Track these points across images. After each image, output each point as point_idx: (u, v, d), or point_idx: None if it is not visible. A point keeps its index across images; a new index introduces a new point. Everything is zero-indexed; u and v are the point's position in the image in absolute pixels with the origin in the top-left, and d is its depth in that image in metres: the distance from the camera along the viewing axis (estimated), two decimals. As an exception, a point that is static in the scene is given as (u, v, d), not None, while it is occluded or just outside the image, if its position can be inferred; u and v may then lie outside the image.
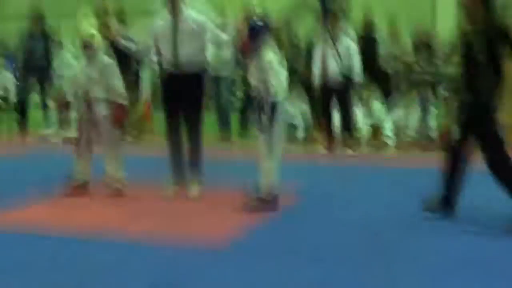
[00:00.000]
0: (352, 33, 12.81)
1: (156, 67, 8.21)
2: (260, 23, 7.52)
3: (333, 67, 11.58)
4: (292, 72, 15.80)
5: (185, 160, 8.24)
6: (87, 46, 8.08)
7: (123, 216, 7.12)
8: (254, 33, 7.37)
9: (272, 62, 7.20)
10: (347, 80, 11.54)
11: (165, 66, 8.12)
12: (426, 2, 21.48)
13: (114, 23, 13.36)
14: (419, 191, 8.30)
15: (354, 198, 8.04)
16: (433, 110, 13.00)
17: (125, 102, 8.23)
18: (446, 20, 19.36)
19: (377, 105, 13.55)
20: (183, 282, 5.03)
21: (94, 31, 8.19)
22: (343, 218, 7.06)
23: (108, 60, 8.26)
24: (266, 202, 7.27)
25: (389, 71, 14.13)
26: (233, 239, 6.20)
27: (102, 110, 8.17)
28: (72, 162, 8.27)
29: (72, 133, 13.12)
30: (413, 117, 12.76)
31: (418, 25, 14.30)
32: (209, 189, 8.15)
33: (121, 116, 8.15)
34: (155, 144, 13.18)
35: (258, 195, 7.29)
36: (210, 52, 7.96)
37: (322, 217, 7.08)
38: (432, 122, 12.78)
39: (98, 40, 8.20)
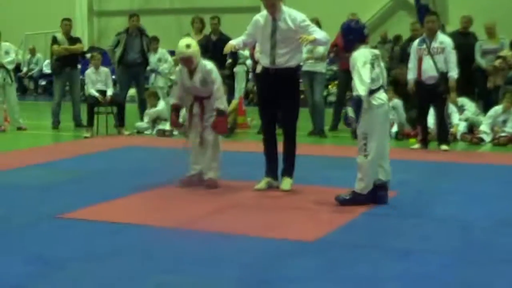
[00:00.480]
0: (448, 29, 12.67)
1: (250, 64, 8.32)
2: (354, 23, 7.67)
3: (429, 63, 11.43)
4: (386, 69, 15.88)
5: (278, 155, 8.32)
6: (183, 59, 8.29)
7: (217, 208, 7.24)
8: (348, 32, 7.49)
9: (357, 60, 7.21)
10: (443, 75, 11.38)
11: (261, 62, 8.23)
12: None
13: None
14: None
15: (448, 194, 7.98)
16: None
17: (223, 107, 8.38)
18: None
19: (472, 101, 13.40)
20: (272, 272, 5.12)
21: (189, 41, 8.37)
22: (436, 213, 7.03)
23: (208, 66, 8.37)
24: (361, 196, 7.28)
25: (485, 66, 13.91)
26: (323, 232, 6.25)
27: (210, 105, 8.37)
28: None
29: (166, 125, 13.50)
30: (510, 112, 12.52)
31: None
32: (300, 184, 8.21)
33: (219, 123, 8.26)
34: (248, 138, 13.35)
35: (354, 189, 7.31)
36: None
37: (414, 212, 7.06)
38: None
39: (194, 50, 8.33)
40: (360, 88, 7.05)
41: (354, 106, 7.10)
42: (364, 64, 7.16)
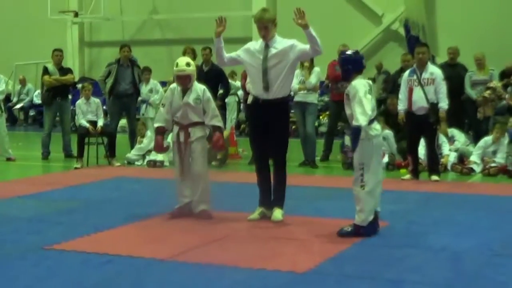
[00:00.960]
0: (438, 60, 12.72)
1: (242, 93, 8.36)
2: (353, 54, 7.71)
3: (419, 94, 11.46)
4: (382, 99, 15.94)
5: (270, 185, 8.31)
6: (181, 77, 8.29)
7: (208, 239, 7.20)
8: (347, 62, 7.53)
9: (358, 89, 7.24)
10: (433, 106, 11.40)
11: (252, 92, 8.25)
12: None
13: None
14: (504, 219, 8.23)
15: (439, 224, 7.97)
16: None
17: (221, 125, 8.43)
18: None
19: (462, 132, 13.44)
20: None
21: (189, 60, 8.40)
22: (427, 244, 7.01)
23: (202, 86, 8.46)
24: (362, 229, 7.26)
25: (475, 97, 13.96)
26: (315, 263, 6.22)
27: (196, 133, 8.38)
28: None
29: (157, 156, 13.47)
30: (502, 143, 12.54)
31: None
32: (292, 215, 8.19)
33: (220, 139, 8.29)
34: (239, 168, 13.33)
35: (354, 221, 7.30)
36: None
37: (406, 243, 7.04)
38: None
39: (193, 69, 8.43)
40: (361, 118, 7.09)
41: (353, 136, 7.13)
42: (365, 94, 7.21)
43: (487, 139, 12.72)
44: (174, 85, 8.56)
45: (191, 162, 8.37)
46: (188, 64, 8.31)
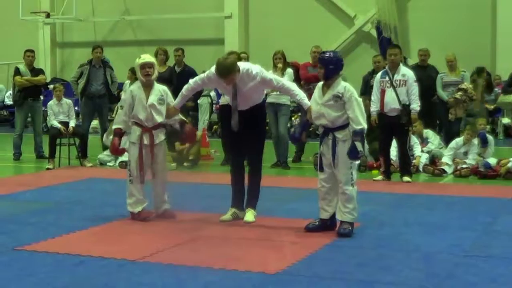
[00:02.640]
0: (410, 61, 12.76)
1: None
2: (338, 55, 7.82)
3: (391, 96, 11.49)
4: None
5: (244, 186, 8.31)
6: (148, 64, 8.24)
7: (180, 240, 7.18)
8: (330, 62, 7.58)
9: (353, 92, 7.41)
10: (405, 108, 11.45)
11: (225, 100, 8.28)
12: (486, 41, 21.43)
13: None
14: (476, 220, 8.28)
15: (410, 225, 8.00)
16: (491, 139, 12.89)
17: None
18: (507, 61, 19.58)
19: (437, 135, 13.51)
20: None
21: (153, 59, 8.39)
22: (399, 244, 7.04)
23: (163, 87, 8.47)
24: (328, 225, 7.42)
25: (446, 98, 14.05)
26: (287, 264, 6.23)
27: (160, 136, 8.36)
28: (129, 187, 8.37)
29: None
30: (473, 144, 12.63)
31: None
32: (264, 216, 8.19)
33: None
34: (211, 169, 13.30)
35: (347, 221, 7.44)
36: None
37: (377, 244, 7.07)
38: (491, 150, 12.66)
39: (155, 63, 8.48)
40: (363, 121, 7.30)
41: (361, 139, 7.29)
42: (358, 97, 7.39)
43: (458, 140, 12.80)
44: (133, 86, 8.49)
45: (154, 166, 8.32)
46: (150, 57, 8.38)
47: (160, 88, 8.38)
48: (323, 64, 7.65)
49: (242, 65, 7.97)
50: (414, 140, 12.86)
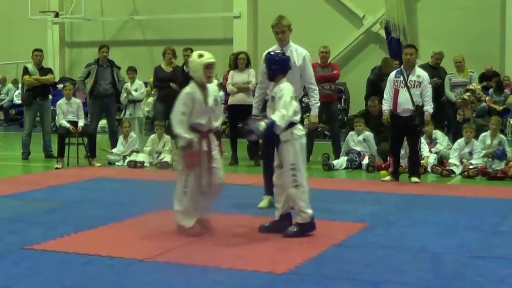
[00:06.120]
0: (419, 62, 12.68)
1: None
2: (281, 55, 7.78)
3: (405, 96, 11.42)
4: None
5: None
6: (213, 64, 7.45)
7: (189, 240, 7.18)
8: (273, 63, 7.59)
9: (287, 93, 7.30)
10: (418, 108, 11.39)
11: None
12: (495, 42, 21.35)
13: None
14: (484, 220, 8.27)
15: (418, 226, 8.00)
16: (503, 138, 12.88)
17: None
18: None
19: (445, 135, 13.50)
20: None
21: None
22: (407, 245, 7.04)
23: (211, 86, 7.72)
24: (304, 226, 7.40)
25: (454, 99, 14.04)
26: (294, 264, 6.24)
27: (214, 140, 7.68)
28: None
29: (137, 157, 13.48)
30: (474, 143, 12.63)
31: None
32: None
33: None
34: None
35: (296, 220, 7.44)
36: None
37: (385, 244, 7.07)
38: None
39: None
40: (279, 119, 7.09)
41: (267, 129, 7.06)
42: (291, 100, 7.33)
43: (460, 141, 12.81)
44: (189, 89, 7.47)
45: (210, 173, 7.50)
46: (212, 56, 7.57)
47: (211, 89, 7.63)
48: (268, 63, 7.66)
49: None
50: (422, 140, 12.85)
